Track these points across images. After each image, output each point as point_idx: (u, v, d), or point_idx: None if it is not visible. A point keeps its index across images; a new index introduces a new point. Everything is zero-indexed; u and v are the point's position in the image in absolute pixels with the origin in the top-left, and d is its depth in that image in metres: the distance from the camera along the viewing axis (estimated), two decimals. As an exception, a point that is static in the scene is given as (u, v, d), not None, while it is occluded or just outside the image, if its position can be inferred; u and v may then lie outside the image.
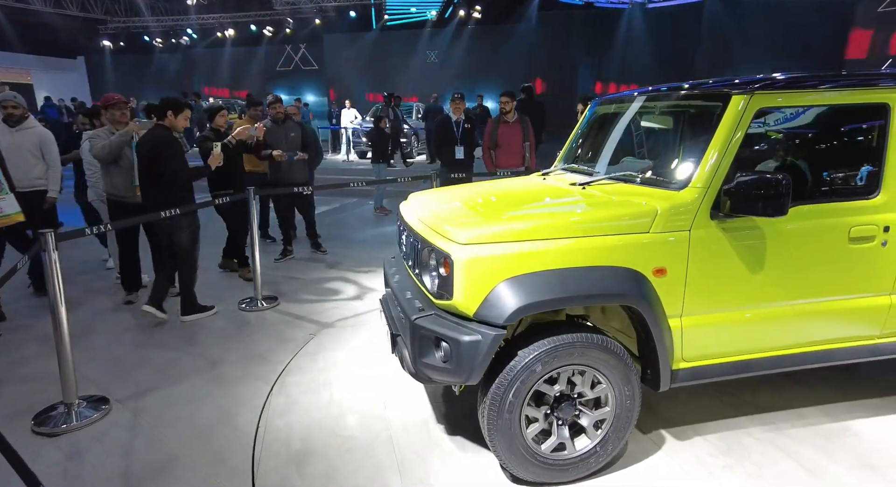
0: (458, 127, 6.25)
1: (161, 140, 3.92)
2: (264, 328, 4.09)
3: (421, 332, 2.22)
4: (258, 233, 4.74)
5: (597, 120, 3.39)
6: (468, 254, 2.08)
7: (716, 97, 2.34)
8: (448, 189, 3.25)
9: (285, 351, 3.66)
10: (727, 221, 2.24)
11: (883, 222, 2.40)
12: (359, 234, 7.41)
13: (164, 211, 3.74)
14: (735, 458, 2.43)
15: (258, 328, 4.11)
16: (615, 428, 2.28)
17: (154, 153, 3.89)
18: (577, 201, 2.48)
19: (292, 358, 3.56)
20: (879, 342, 2.59)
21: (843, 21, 12.25)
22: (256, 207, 4.61)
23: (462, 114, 6.35)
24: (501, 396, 2.12)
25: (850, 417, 2.74)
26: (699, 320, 2.32)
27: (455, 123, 6.25)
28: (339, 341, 3.82)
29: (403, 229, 2.83)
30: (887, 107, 2.37)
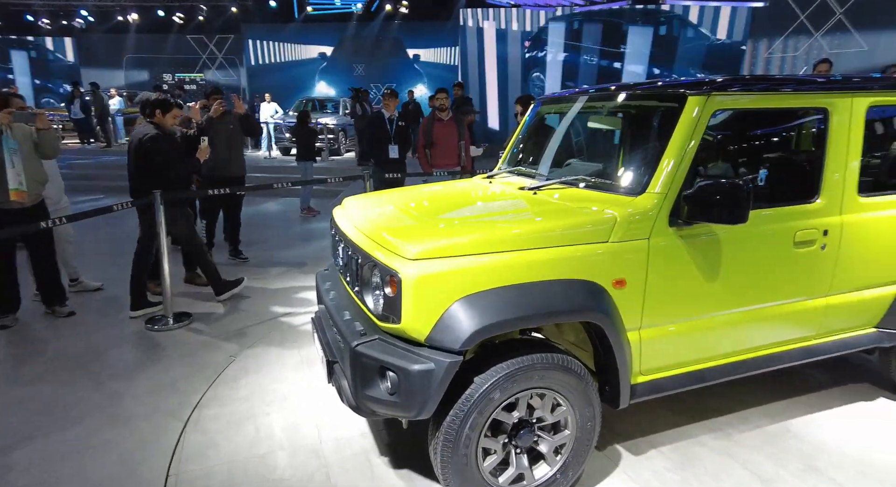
0: (391, 125, 5.95)
1: (151, 137, 3.99)
2: (175, 352, 3.59)
3: (363, 360, 1.94)
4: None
5: (540, 120, 3.25)
6: (418, 271, 1.82)
7: (671, 98, 2.24)
8: (387, 193, 2.97)
9: (201, 379, 3.22)
10: (685, 228, 2.15)
11: (822, 226, 2.43)
12: (284, 238, 6.90)
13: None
14: (691, 471, 2.36)
15: (168, 351, 3.61)
16: (575, 452, 2.13)
17: (141, 150, 3.99)
18: (531, 209, 2.30)
19: (209, 387, 3.12)
20: (815, 344, 2.63)
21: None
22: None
23: (395, 111, 6.06)
24: (457, 430, 1.89)
25: (789, 416, 2.78)
26: (657, 331, 2.22)
27: (388, 120, 5.95)
28: (265, 363, 3.42)
29: (339, 238, 2.52)
30: (826, 111, 2.39)
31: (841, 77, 2.53)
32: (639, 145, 2.53)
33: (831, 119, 2.39)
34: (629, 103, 2.65)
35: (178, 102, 4.74)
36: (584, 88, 2.98)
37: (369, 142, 6.14)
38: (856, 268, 2.57)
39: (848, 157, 2.43)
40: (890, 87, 2.54)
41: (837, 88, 2.40)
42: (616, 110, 2.80)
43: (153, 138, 3.99)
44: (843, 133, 2.41)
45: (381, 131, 5.97)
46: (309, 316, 4.12)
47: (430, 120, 6.12)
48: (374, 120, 6.09)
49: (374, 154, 6.10)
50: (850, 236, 2.49)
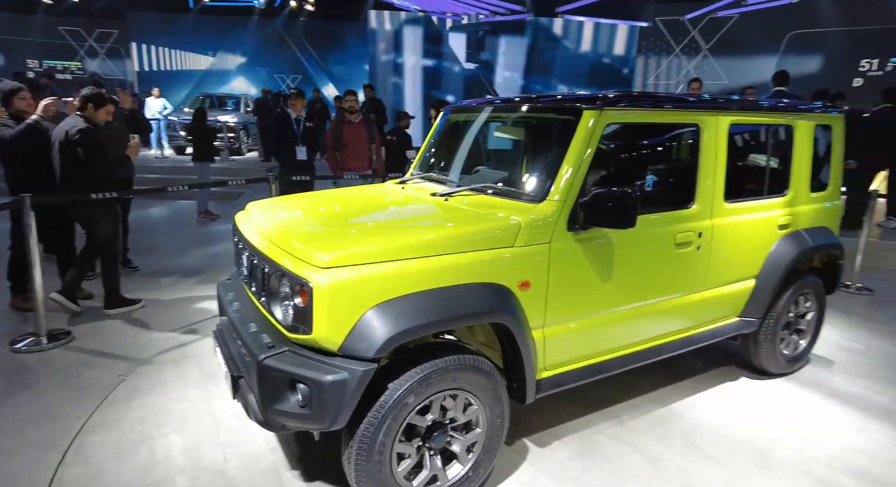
0: (298, 125, 5.76)
1: (80, 130, 3.80)
2: (52, 374, 3.21)
3: (272, 374, 1.88)
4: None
5: (449, 127, 3.33)
6: (330, 279, 1.80)
7: (568, 111, 2.41)
8: (294, 198, 2.88)
9: (84, 402, 2.90)
10: (582, 232, 2.32)
11: (697, 229, 2.74)
12: (179, 245, 6.42)
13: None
14: (591, 458, 2.55)
15: (43, 374, 3.21)
16: (486, 449, 2.21)
17: (69, 144, 3.80)
18: (442, 215, 2.35)
19: (94, 410, 2.83)
20: (693, 333, 2.96)
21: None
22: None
23: (302, 111, 5.87)
24: (371, 437, 1.89)
25: (673, 400, 3.10)
26: (559, 329, 2.37)
27: (295, 120, 5.75)
28: (160, 382, 3.16)
29: (243, 246, 2.40)
30: (698, 127, 2.70)
31: (709, 97, 2.86)
32: (540, 155, 2.69)
33: (702, 134, 2.70)
34: (531, 115, 2.80)
35: (113, 98, 4.27)
36: (490, 98, 3.11)
37: (275, 142, 5.90)
38: (723, 265, 2.92)
39: (716, 167, 2.76)
40: (747, 108, 2.92)
41: (707, 107, 2.72)
42: (519, 121, 2.95)
43: (83, 132, 3.79)
44: (711, 146, 2.73)
45: (288, 132, 5.77)
46: (210, 329, 3.88)
47: (340, 122, 6.02)
48: (280, 120, 5.87)
49: (281, 155, 5.87)
50: (718, 238, 2.83)
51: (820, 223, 3.36)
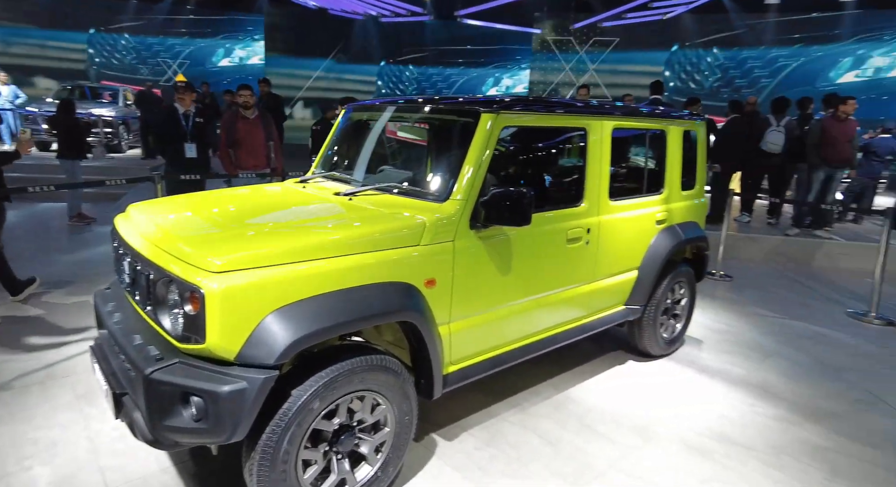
0: (187, 120, 5.34)
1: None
2: None
3: (161, 388, 1.74)
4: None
5: (351, 126, 3.29)
6: (225, 284, 1.70)
7: (468, 114, 2.49)
8: (182, 198, 2.68)
9: (-78, 439, 2.48)
10: (483, 230, 2.40)
11: (586, 226, 2.95)
12: (46, 252, 5.70)
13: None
14: (497, 446, 2.66)
15: None
16: (395, 448, 2.22)
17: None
18: (347, 215, 2.31)
19: (-63, 447, 2.43)
20: (586, 322, 3.19)
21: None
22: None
23: (192, 106, 5.45)
24: (275, 446, 1.82)
25: (569, 385, 3.32)
26: (463, 324, 2.44)
27: (184, 115, 5.32)
28: (22, 408, 2.78)
29: (124, 252, 2.20)
30: (585, 131, 2.91)
31: (595, 103, 3.10)
32: (442, 155, 2.75)
33: (589, 137, 2.92)
34: (432, 116, 2.85)
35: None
36: (393, 98, 3.11)
37: (160, 139, 5.44)
38: (610, 258, 3.18)
39: (601, 168, 3.00)
40: (627, 114, 3.20)
41: (592, 112, 2.95)
42: (421, 122, 2.99)
43: None
44: (597, 149, 2.96)
45: (174, 127, 5.33)
46: (86, 344, 3.49)
47: (233, 117, 5.68)
48: (167, 115, 5.40)
49: (168, 153, 5.42)
50: (605, 233, 3.08)
51: (690, 219, 3.78)
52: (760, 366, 3.71)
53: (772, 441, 2.79)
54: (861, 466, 2.62)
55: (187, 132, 5.38)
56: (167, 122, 5.38)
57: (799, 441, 2.81)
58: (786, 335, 4.30)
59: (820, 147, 6.72)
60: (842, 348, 4.10)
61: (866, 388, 3.45)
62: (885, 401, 3.28)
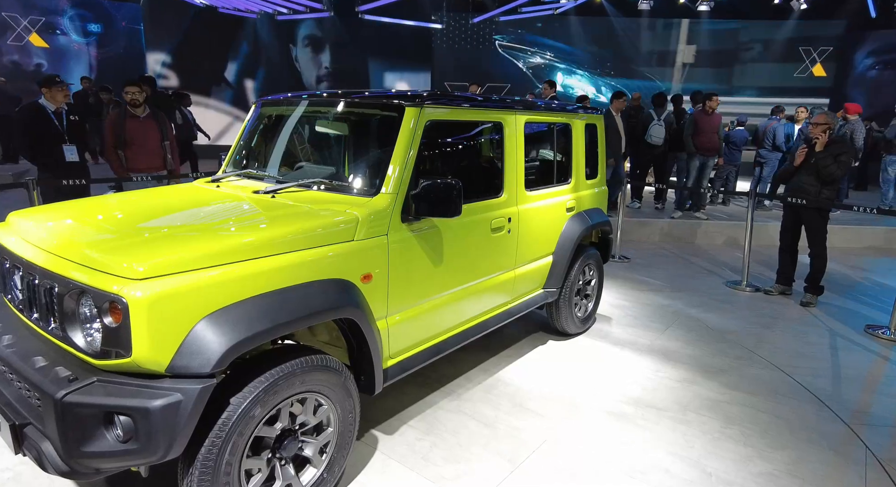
0: (59, 119, 4.74)
1: None
2: None
3: (78, 411, 1.57)
4: None
5: (264, 122, 3.14)
6: (150, 291, 1.57)
7: (391, 108, 2.49)
8: (76, 204, 2.40)
9: None
10: (414, 223, 2.43)
11: (507, 215, 3.09)
12: None
13: None
14: (437, 434, 2.71)
15: None
16: (339, 447, 2.19)
17: None
18: (273, 212, 2.22)
19: None
20: (510, 306, 3.34)
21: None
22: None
23: (63, 103, 4.86)
24: (216, 459, 1.71)
25: (499, 368, 3.46)
26: (400, 317, 2.46)
27: (55, 113, 4.72)
28: None
29: (12, 265, 1.93)
30: (501, 124, 3.03)
31: (508, 99, 3.24)
32: (367, 150, 2.73)
33: (505, 130, 3.05)
34: (352, 110, 2.81)
35: None
36: (309, 92, 3.02)
37: (28, 141, 4.70)
38: (529, 246, 3.35)
39: (517, 160, 3.15)
40: (536, 108, 3.38)
41: (507, 106, 3.08)
42: (341, 116, 2.93)
43: None
44: (512, 141, 3.10)
45: (45, 127, 4.71)
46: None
47: (120, 116, 5.14)
48: (33, 113, 4.73)
49: (41, 157, 4.74)
50: (523, 222, 3.24)
51: (594, 205, 4.08)
52: (661, 335, 4.11)
53: (678, 400, 3.13)
54: (748, 412, 3.02)
55: (63, 133, 4.79)
56: (36, 121, 4.72)
57: (699, 397, 3.17)
58: (677, 306, 4.81)
59: (692, 137, 7.55)
60: (723, 313, 4.66)
61: (745, 346, 3.96)
62: (760, 355, 3.80)
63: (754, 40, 15.70)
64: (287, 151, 2.99)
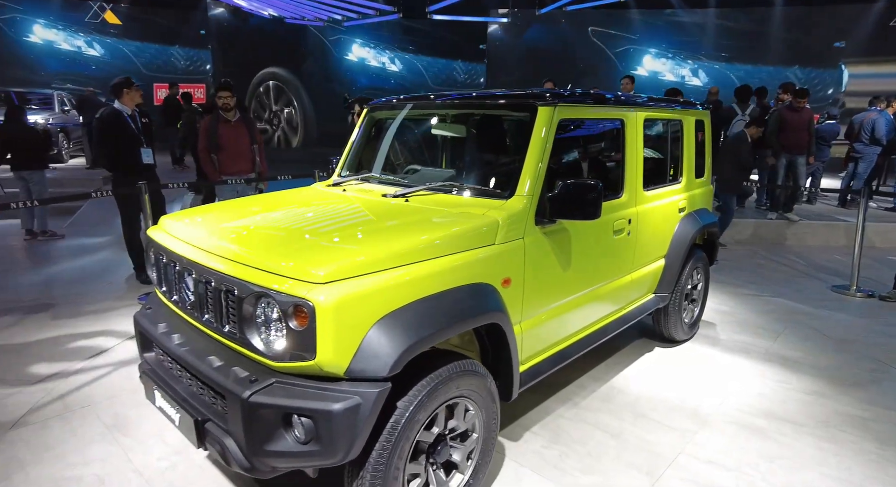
0: (134, 122, 4.91)
1: None
2: None
3: (262, 412, 1.61)
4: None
5: (375, 125, 3.17)
6: (334, 296, 1.58)
7: (523, 108, 2.44)
8: (222, 207, 2.49)
9: (-60, 491, 2.19)
10: (548, 226, 2.37)
11: (627, 216, 2.98)
12: (9, 273, 5.21)
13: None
14: (564, 443, 2.64)
15: None
16: (483, 453, 2.16)
17: None
18: (415, 216, 2.21)
19: (-38, 501, 2.16)
20: (625, 313, 3.23)
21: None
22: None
23: (135, 106, 5.00)
24: (386, 463, 1.71)
25: (609, 376, 3.34)
26: (533, 321, 2.40)
27: (129, 117, 4.89)
28: (46, 445, 2.51)
29: (182, 269, 2.01)
30: (623, 122, 2.93)
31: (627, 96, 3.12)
32: (494, 151, 2.69)
33: (626, 128, 2.94)
34: (477, 111, 2.79)
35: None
36: (423, 94, 3.02)
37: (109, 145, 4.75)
38: (645, 248, 3.22)
39: (637, 159, 3.03)
40: (654, 105, 3.24)
41: (628, 103, 2.97)
42: (462, 117, 2.91)
43: None
44: (632, 140, 2.99)
45: (126, 132, 4.78)
46: (93, 370, 3.22)
47: (214, 121, 5.37)
48: (113, 120, 4.76)
49: (120, 159, 4.82)
50: (641, 223, 3.11)
51: (701, 205, 3.89)
52: (775, 343, 3.87)
53: (813, 415, 2.92)
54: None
55: (139, 136, 4.94)
56: (117, 126, 4.76)
57: (838, 413, 2.95)
58: (783, 312, 4.52)
59: (778, 134, 7.11)
60: (837, 321, 4.34)
61: (873, 357, 3.67)
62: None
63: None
64: (402, 153, 3.01)
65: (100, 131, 4.77)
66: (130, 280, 5.02)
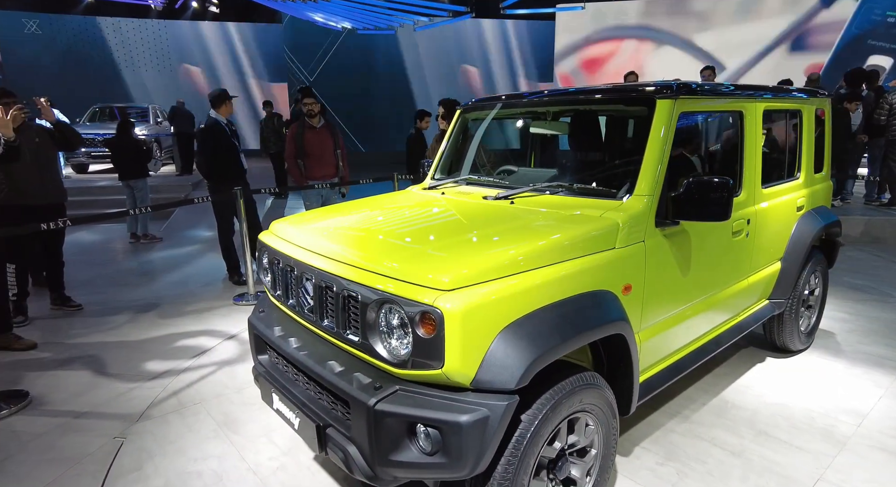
0: (230, 131, 5.11)
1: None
2: (24, 449, 2.58)
3: (388, 420, 1.57)
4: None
5: (469, 126, 3.10)
6: (462, 303, 1.52)
7: (640, 101, 2.29)
8: (328, 213, 2.52)
9: (82, 479, 2.35)
10: (668, 227, 2.20)
11: (746, 216, 2.73)
12: (118, 276, 5.63)
13: None
14: (680, 461, 2.45)
15: (13, 449, 2.58)
16: (602, 470, 2.03)
17: None
18: (526, 220, 2.12)
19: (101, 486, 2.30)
20: (740, 320, 2.97)
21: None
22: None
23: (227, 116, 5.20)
24: (512, 478, 1.63)
25: (720, 388, 3.09)
26: (649, 331, 2.24)
27: (226, 126, 5.05)
28: (169, 439, 2.64)
29: (298, 273, 2.03)
30: (742, 114, 2.69)
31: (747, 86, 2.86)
32: (605, 148, 2.55)
33: (745, 121, 2.70)
34: (584, 107, 2.65)
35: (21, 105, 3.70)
36: (522, 92, 2.92)
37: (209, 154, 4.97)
38: (762, 250, 2.95)
39: (756, 154, 2.78)
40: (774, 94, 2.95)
41: (748, 94, 2.72)
42: (564, 115, 2.78)
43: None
44: (752, 133, 2.74)
45: (226, 142, 5.01)
46: (200, 369, 3.37)
47: (301, 127, 5.54)
48: (216, 132, 4.99)
49: (219, 167, 5.03)
50: (759, 223, 2.85)
51: (820, 203, 3.53)
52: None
53: (975, 441, 2.55)
54: None
55: (237, 145, 5.15)
56: (220, 137, 4.99)
57: None
58: (917, 321, 4.03)
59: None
60: None
61: None
62: None
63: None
64: (504, 154, 2.92)
65: (203, 141, 5.05)
66: (225, 281, 5.27)
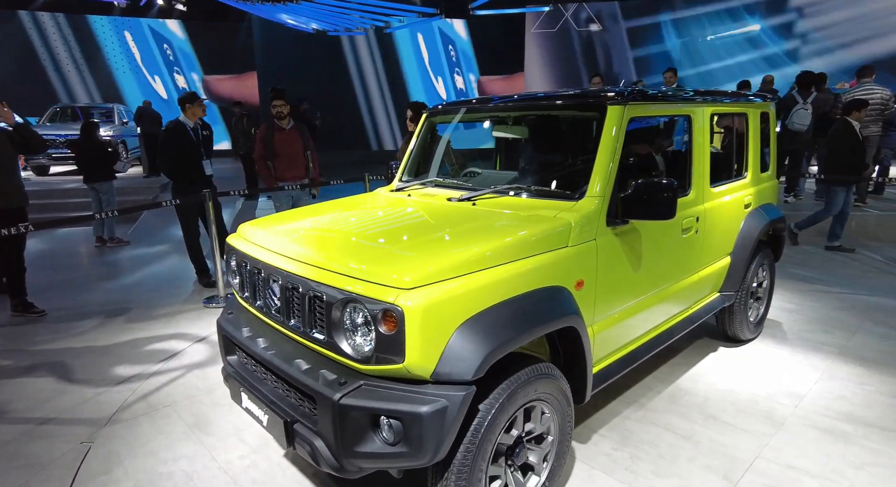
0: (196, 135, 5.06)
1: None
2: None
3: (353, 413, 1.66)
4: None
5: (433, 129, 3.20)
6: (421, 301, 1.62)
7: (592, 107, 2.42)
8: (296, 215, 2.58)
9: (48, 483, 2.36)
10: (619, 226, 2.34)
11: (695, 214, 2.90)
12: (84, 280, 5.54)
13: None
14: (633, 445, 2.60)
15: (-29, 458, 2.57)
16: (558, 456, 2.16)
17: None
18: (487, 220, 2.23)
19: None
20: (692, 313, 3.15)
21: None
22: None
23: (199, 119, 5.15)
24: (471, 465, 1.74)
25: (674, 377, 3.27)
26: (603, 324, 2.38)
27: (192, 130, 5.04)
28: (139, 442, 2.67)
29: (267, 275, 2.10)
30: (691, 118, 2.85)
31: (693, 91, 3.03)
32: (560, 152, 2.68)
33: (693, 124, 2.87)
34: (541, 112, 2.77)
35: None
36: (487, 97, 3.02)
37: (170, 156, 4.93)
38: (711, 246, 3.13)
39: (704, 155, 2.95)
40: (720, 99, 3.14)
41: (695, 99, 2.89)
42: (524, 119, 2.90)
43: None
44: (699, 136, 2.91)
45: (189, 145, 4.97)
46: (169, 372, 3.39)
47: (270, 129, 5.55)
48: (178, 133, 4.94)
49: (181, 171, 5.01)
50: (708, 221, 3.03)
51: (767, 200, 3.75)
52: (849, 343, 3.69)
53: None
54: None
55: (201, 148, 5.12)
56: (181, 139, 4.94)
57: (929, 417, 2.79)
58: (857, 309, 4.30)
59: None
60: (919, 319, 4.10)
61: (963, 358, 3.45)
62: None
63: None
64: (462, 156, 3.03)
65: (164, 142, 4.99)
66: (194, 284, 5.25)
